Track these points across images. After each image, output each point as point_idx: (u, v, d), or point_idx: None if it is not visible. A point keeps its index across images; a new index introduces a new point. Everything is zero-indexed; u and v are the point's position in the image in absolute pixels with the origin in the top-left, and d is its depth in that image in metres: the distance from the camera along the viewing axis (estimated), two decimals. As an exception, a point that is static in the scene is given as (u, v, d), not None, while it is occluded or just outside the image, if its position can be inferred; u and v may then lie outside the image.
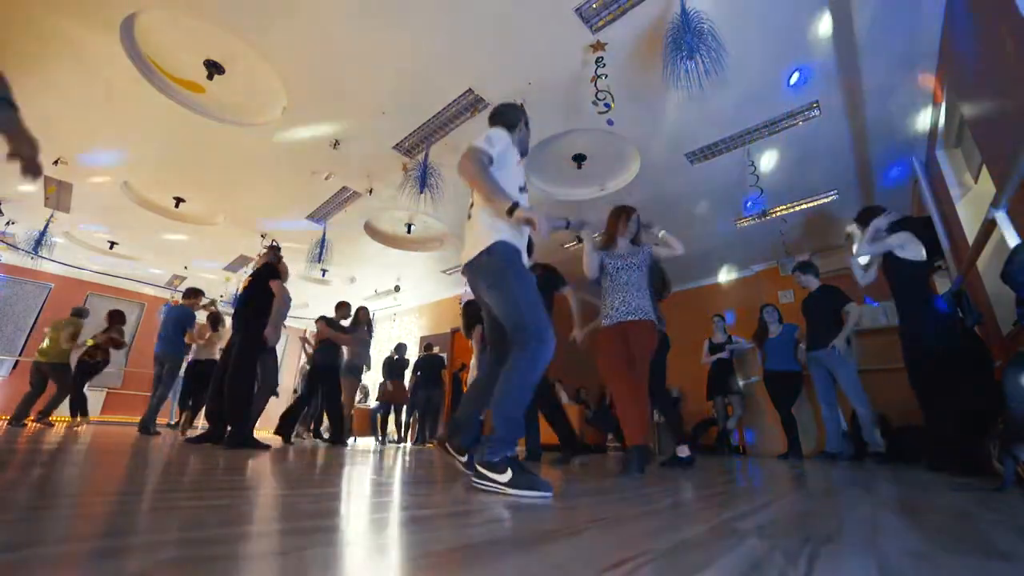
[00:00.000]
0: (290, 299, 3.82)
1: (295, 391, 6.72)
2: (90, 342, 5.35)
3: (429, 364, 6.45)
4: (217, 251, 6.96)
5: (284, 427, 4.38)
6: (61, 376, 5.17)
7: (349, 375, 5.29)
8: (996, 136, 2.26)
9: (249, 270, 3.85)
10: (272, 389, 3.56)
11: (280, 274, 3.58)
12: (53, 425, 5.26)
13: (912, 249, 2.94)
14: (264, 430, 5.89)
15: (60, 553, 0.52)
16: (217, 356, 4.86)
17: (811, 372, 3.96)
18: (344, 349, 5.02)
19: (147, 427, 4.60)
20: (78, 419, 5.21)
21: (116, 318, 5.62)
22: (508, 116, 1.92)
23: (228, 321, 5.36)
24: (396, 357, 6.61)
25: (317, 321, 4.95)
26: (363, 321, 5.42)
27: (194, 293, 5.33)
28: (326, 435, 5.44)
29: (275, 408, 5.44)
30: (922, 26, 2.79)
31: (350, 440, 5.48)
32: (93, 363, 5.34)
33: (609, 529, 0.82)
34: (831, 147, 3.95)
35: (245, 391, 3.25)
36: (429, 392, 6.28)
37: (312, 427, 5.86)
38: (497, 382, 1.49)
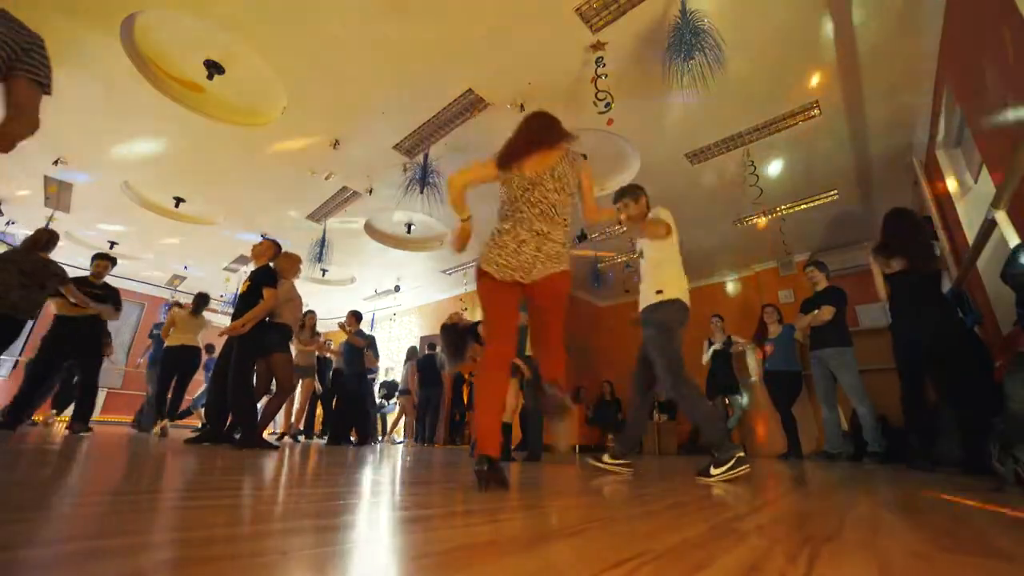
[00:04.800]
0: (299, 301, 3.78)
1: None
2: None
3: (430, 364, 6.47)
4: (217, 251, 6.96)
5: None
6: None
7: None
8: (996, 136, 2.26)
9: (251, 267, 3.76)
10: (287, 394, 3.53)
11: (276, 278, 3.49)
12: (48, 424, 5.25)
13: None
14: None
15: (59, 553, 0.52)
16: (194, 342, 4.86)
17: (813, 371, 3.96)
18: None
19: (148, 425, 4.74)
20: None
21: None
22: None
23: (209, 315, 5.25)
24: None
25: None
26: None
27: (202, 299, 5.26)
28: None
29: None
30: (922, 26, 2.79)
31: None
32: None
33: (609, 529, 0.82)
34: (831, 147, 3.95)
35: (243, 394, 3.25)
36: (428, 392, 6.32)
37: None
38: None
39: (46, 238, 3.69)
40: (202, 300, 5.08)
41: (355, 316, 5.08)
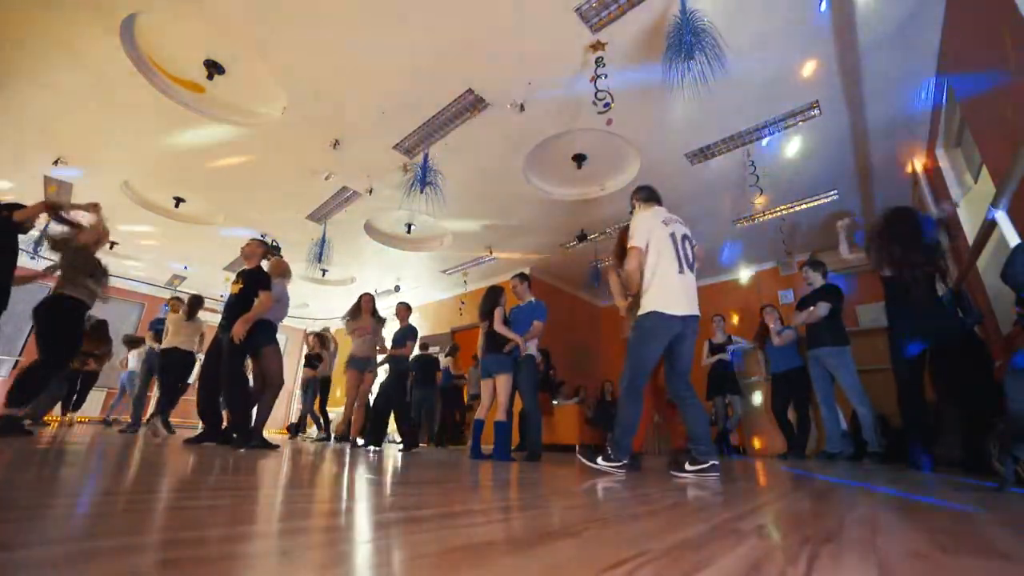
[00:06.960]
0: (286, 300, 3.78)
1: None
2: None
3: (425, 364, 6.44)
4: (217, 251, 6.96)
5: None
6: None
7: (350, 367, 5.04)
8: (996, 136, 2.26)
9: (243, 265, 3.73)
10: (278, 388, 3.53)
11: (270, 280, 3.48)
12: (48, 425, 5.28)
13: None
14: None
15: (59, 553, 0.52)
16: (191, 346, 4.77)
17: (811, 371, 3.96)
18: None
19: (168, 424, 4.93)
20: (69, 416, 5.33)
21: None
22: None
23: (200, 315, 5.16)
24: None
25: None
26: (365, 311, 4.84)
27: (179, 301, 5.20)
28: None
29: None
30: (922, 26, 2.79)
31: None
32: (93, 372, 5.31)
33: (609, 529, 0.82)
34: (831, 147, 3.95)
35: (237, 393, 3.26)
36: (424, 392, 6.27)
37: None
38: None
39: None
40: (196, 303, 4.95)
41: (406, 307, 4.80)
